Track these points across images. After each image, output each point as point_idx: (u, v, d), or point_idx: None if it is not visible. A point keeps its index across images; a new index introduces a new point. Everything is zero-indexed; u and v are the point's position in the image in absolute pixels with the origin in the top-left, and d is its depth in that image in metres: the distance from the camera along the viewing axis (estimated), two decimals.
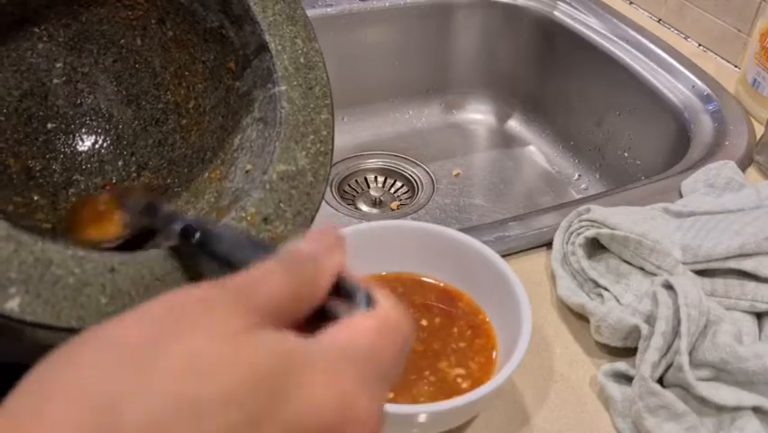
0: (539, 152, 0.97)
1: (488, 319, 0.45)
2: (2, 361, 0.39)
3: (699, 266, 0.49)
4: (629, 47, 0.86)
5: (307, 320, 0.26)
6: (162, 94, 0.50)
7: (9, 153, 0.46)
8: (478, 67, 1.04)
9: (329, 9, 0.93)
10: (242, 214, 0.38)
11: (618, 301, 0.49)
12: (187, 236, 0.33)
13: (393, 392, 0.40)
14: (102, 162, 0.50)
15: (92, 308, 0.32)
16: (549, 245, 0.56)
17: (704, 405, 0.42)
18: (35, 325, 0.30)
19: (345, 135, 0.98)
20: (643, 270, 0.51)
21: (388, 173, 0.95)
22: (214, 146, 0.48)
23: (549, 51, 0.97)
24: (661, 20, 0.93)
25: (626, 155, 0.86)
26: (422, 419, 0.37)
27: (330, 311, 0.26)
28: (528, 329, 0.40)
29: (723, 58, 0.85)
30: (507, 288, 0.43)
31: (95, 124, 0.50)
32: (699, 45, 0.88)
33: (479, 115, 1.05)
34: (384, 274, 0.48)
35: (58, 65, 0.48)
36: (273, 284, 0.25)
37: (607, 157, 0.89)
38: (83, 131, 0.50)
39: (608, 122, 0.89)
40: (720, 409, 0.42)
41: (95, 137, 0.50)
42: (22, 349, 0.35)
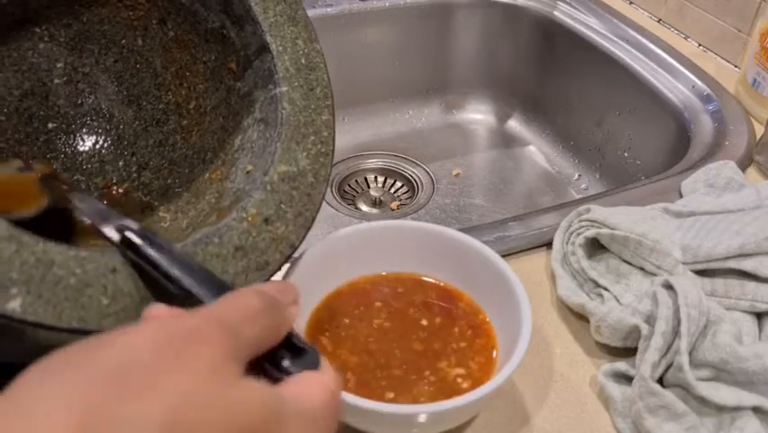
0: (539, 152, 0.97)
1: (488, 319, 0.45)
2: (2, 361, 0.39)
3: (699, 266, 0.49)
4: (629, 47, 0.86)
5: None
6: (163, 94, 0.50)
7: (10, 153, 0.46)
8: (478, 67, 1.04)
9: (329, 9, 0.93)
10: (242, 214, 0.39)
11: (618, 301, 0.49)
12: (129, 242, 0.34)
13: (393, 392, 0.40)
14: (102, 162, 0.50)
15: (93, 309, 0.32)
16: (549, 245, 0.56)
17: (704, 405, 0.42)
18: (36, 325, 0.30)
19: (345, 135, 0.98)
20: (643, 270, 0.51)
21: (388, 173, 0.95)
22: (214, 147, 0.48)
23: (549, 51, 0.97)
24: (661, 20, 0.93)
25: (626, 155, 0.86)
26: (422, 419, 0.37)
27: (276, 359, 0.29)
28: (528, 329, 0.40)
29: (723, 58, 0.85)
30: (507, 288, 0.43)
31: (95, 124, 0.50)
32: (699, 45, 0.88)
33: (479, 115, 1.05)
34: (384, 274, 0.48)
35: (59, 65, 0.48)
36: (257, 326, 0.27)
37: (607, 157, 0.89)
38: (84, 131, 0.50)
39: (607, 122, 0.89)
40: (720, 409, 0.42)
41: (95, 137, 0.50)
42: (22, 349, 0.35)
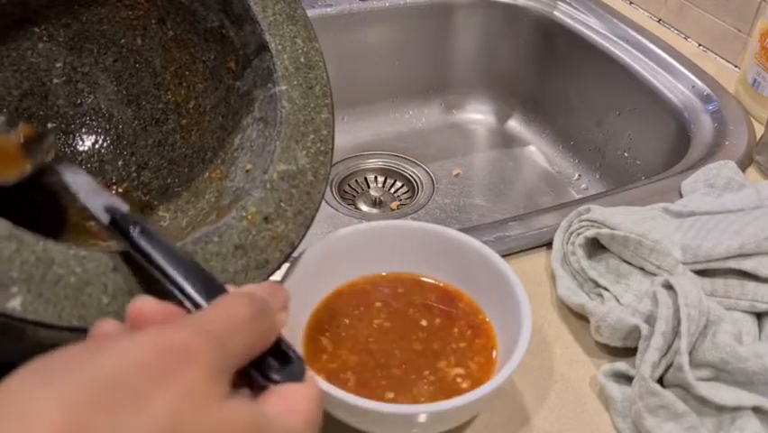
0: (539, 152, 0.97)
1: (488, 319, 0.45)
2: (2, 361, 0.39)
3: (699, 266, 0.49)
4: (629, 47, 0.86)
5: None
6: (162, 94, 0.50)
7: None
8: (478, 67, 1.04)
9: (329, 9, 0.93)
10: (242, 213, 0.39)
11: (618, 301, 0.49)
12: (120, 226, 0.34)
13: (393, 392, 0.40)
14: (102, 162, 0.50)
15: (93, 308, 0.32)
16: (549, 245, 0.56)
17: (704, 405, 0.42)
18: (37, 324, 0.30)
19: (345, 135, 0.98)
20: (643, 270, 0.51)
21: (388, 173, 0.95)
22: (214, 146, 0.48)
23: (549, 51, 0.97)
24: (661, 20, 0.93)
25: (626, 155, 0.86)
26: (422, 419, 0.37)
27: (263, 367, 0.28)
28: (528, 329, 0.40)
29: (723, 58, 0.85)
30: (507, 288, 0.43)
31: (95, 123, 0.50)
32: (699, 45, 0.88)
33: (479, 115, 1.05)
34: (384, 274, 0.48)
35: (58, 65, 0.48)
36: (246, 335, 0.27)
37: (607, 157, 0.89)
38: (83, 131, 0.50)
39: (607, 122, 0.89)
40: (720, 410, 0.42)
41: (95, 137, 0.50)
42: (23, 349, 0.35)
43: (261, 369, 0.28)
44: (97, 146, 0.50)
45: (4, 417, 0.20)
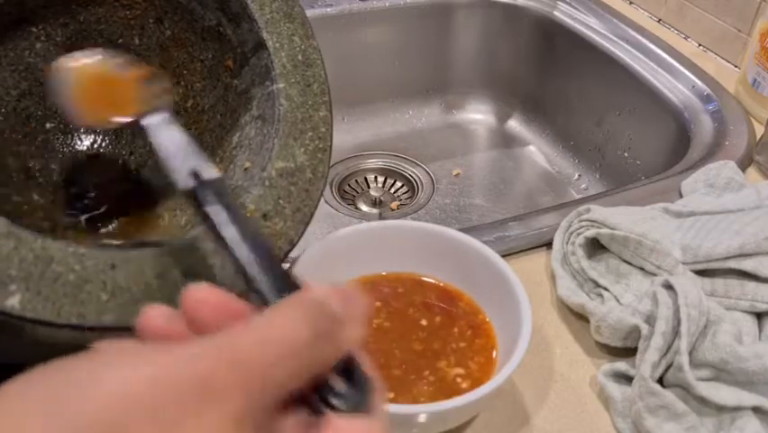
0: (539, 152, 0.97)
1: (488, 319, 0.45)
2: (2, 361, 0.39)
3: (699, 266, 0.49)
4: (629, 47, 0.86)
5: None
6: None
7: (8, 153, 0.46)
8: (478, 67, 1.04)
9: (329, 9, 0.93)
10: (241, 210, 0.38)
11: (618, 301, 0.49)
12: (199, 195, 0.30)
13: (393, 392, 0.40)
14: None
15: (92, 305, 0.32)
16: (549, 245, 0.55)
17: (704, 405, 0.42)
18: (36, 322, 0.30)
19: (345, 135, 0.98)
20: (643, 270, 0.50)
21: (388, 173, 0.95)
22: (212, 145, 0.48)
23: (549, 51, 0.96)
24: (661, 20, 0.93)
25: (626, 155, 0.86)
26: (422, 419, 0.37)
27: (322, 388, 0.23)
28: (528, 329, 0.40)
29: (723, 58, 0.85)
30: (507, 288, 0.43)
31: None
32: (699, 45, 0.88)
33: (479, 115, 1.04)
34: (384, 274, 0.48)
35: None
36: (297, 362, 0.21)
37: (607, 157, 0.89)
38: (82, 130, 0.50)
39: (607, 122, 0.89)
40: (720, 409, 0.42)
41: (93, 136, 0.50)
42: (22, 347, 0.35)
43: (319, 391, 0.23)
44: (96, 146, 0.50)
45: None
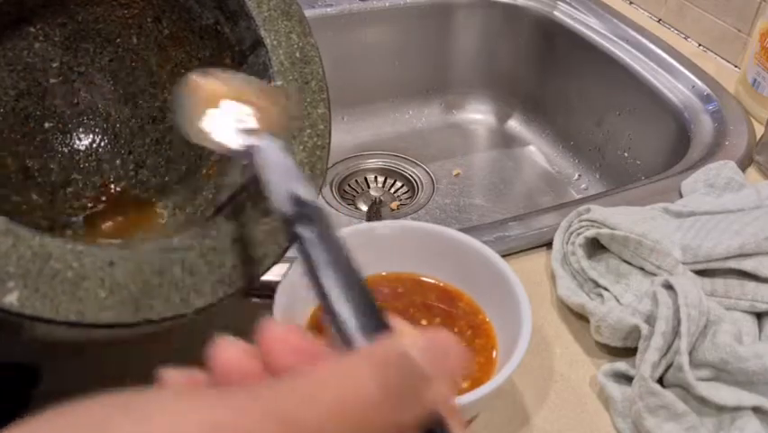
0: (539, 152, 0.97)
1: (488, 319, 0.45)
2: (2, 361, 0.39)
3: (699, 266, 0.49)
4: (629, 47, 0.86)
5: None
6: (159, 92, 0.50)
7: (7, 153, 0.46)
8: (478, 67, 1.04)
9: (329, 9, 0.93)
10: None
11: (618, 301, 0.49)
12: (294, 223, 0.28)
13: None
14: (100, 161, 0.49)
15: (91, 302, 0.32)
16: (549, 245, 0.55)
17: (704, 405, 0.42)
18: (34, 318, 0.30)
19: (345, 135, 0.98)
20: (643, 270, 0.50)
21: (388, 173, 0.95)
22: None
23: (549, 51, 0.96)
24: (661, 20, 0.93)
25: (626, 155, 0.86)
26: None
27: None
28: (528, 329, 0.40)
29: (723, 58, 0.85)
30: (507, 288, 0.43)
31: (92, 123, 0.50)
32: (699, 45, 0.88)
33: (479, 115, 1.04)
34: (384, 274, 0.48)
35: (54, 64, 0.48)
36: (359, 423, 0.18)
37: (607, 157, 0.89)
38: (80, 130, 0.50)
39: (607, 122, 0.89)
40: (720, 409, 0.42)
41: (92, 136, 0.50)
42: (21, 346, 0.35)
43: None
44: (95, 145, 0.50)
45: None
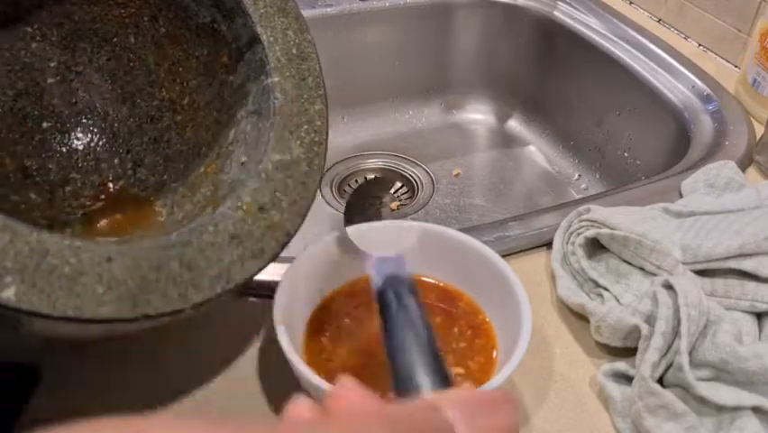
0: (539, 152, 0.97)
1: (488, 319, 0.45)
2: (2, 361, 0.39)
3: (699, 266, 0.49)
4: (629, 47, 0.86)
5: None
6: (157, 91, 0.50)
7: (5, 153, 0.46)
8: (478, 67, 1.04)
9: (329, 9, 0.92)
10: (237, 203, 0.38)
11: (618, 301, 0.49)
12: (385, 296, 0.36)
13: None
14: (98, 160, 0.49)
15: (88, 297, 0.32)
16: (549, 245, 0.55)
17: (704, 405, 0.42)
18: (31, 314, 0.30)
19: (345, 135, 0.98)
20: (643, 270, 0.50)
21: (388, 173, 0.95)
22: (209, 141, 0.48)
23: (549, 51, 0.96)
24: (661, 20, 0.93)
25: (626, 155, 0.86)
26: None
27: None
28: (528, 329, 0.40)
29: (723, 58, 0.85)
30: (507, 288, 0.43)
31: (90, 122, 0.50)
32: (699, 45, 0.88)
33: (479, 115, 1.04)
34: None
35: (51, 64, 0.48)
36: None
37: (607, 157, 0.89)
38: (78, 129, 0.50)
39: (608, 122, 0.89)
40: (720, 409, 0.42)
41: (90, 135, 0.50)
42: (22, 348, 0.35)
43: None
44: (93, 144, 0.50)
45: None
